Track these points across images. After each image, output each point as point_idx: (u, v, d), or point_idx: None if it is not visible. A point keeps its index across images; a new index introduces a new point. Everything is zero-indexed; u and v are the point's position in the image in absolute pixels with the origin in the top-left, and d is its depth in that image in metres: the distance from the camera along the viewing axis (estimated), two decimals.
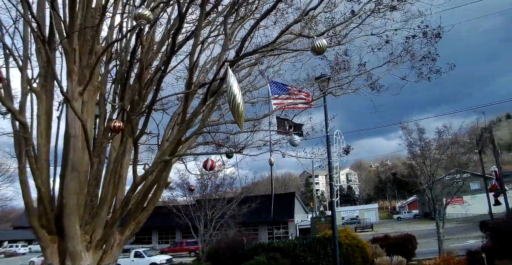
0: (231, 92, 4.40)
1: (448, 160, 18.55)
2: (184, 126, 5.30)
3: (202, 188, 21.87)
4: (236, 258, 17.34)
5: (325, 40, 4.39)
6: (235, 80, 4.50)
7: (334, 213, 11.57)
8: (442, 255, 15.79)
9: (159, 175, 6.18)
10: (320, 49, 4.41)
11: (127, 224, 6.30)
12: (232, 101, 4.39)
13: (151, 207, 6.46)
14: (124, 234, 6.36)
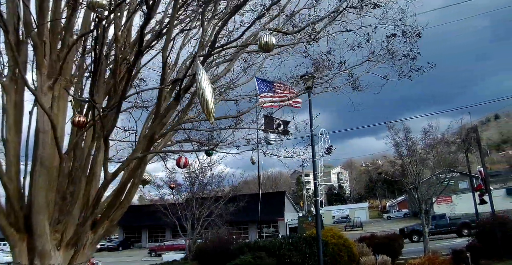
0: (200, 88, 4.28)
1: (434, 160, 18.58)
2: (157, 122, 5.16)
3: (189, 186, 21.70)
4: (222, 257, 17.21)
5: (274, 38, 4.24)
6: (205, 75, 4.37)
7: (318, 212, 11.49)
8: (428, 254, 15.81)
9: (133, 172, 6.03)
10: (266, 46, 4.25)
11: (100, 222, 6.14)
12: (201, 96, 4.27)
13: (125, 205, 6.30)
14: (97, 233, 6.19)
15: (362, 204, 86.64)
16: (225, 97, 7.90)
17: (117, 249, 54.47)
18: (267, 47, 4.25)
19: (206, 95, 4.28)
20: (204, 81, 4.31)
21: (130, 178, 6.09)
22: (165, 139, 6.71)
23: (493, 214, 17.13)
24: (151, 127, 5.26)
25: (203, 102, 4.24)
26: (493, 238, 16.43)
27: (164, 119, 5.50)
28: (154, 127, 5.21)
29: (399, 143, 18.13)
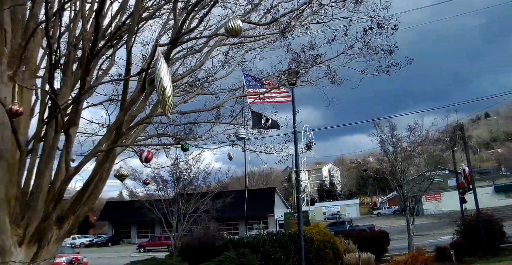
0: (158, 79, 4.09)
1: (420, 157, 18.54)
2: (121, 114, 4.94)
3: (174, 182, 21.44)
4: (206, 254, 17.05)
5: (240, 22, 4.04)
6: (165, 66, 4.17)
7: (300, 208, 11.36)
8: (412, 251, 15.80)
9: (99, 167, 5.82)
10: (233, 31, 4.06)
11: (65, 218, 5.92)
12: (159, 88, 4.08)
13: (92, 201, 6.09)
14: (62, 229, 5.97)
15: (353, 201, 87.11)
16: (204, 91, 7.68)
17: (106, 244, 54.18)
18: (234, 31, 4.07)
19: (165, 86, 4.10)
20: (162, 73, 4.12)
21: (96, 172, 5.88)
22: (136, 132, 6.49)
23: (478, 212, 17.19)
24: (116, 119, 5.05)
25: (161, 95, 4.06)
26: (478, 235, 16.51)
27: (134, 112, 5.29)
28: (119, 120, 5.00)
29: (385, 140, 18.06)
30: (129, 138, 6.27)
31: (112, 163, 6.24)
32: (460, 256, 15.06)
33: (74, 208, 5.97)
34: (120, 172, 8.83)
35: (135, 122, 5.86)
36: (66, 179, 5.17)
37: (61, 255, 22.86)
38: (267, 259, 15.41)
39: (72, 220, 6.08)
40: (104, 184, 6.20)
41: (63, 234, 6.06)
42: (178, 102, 7.06)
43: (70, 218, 6.02)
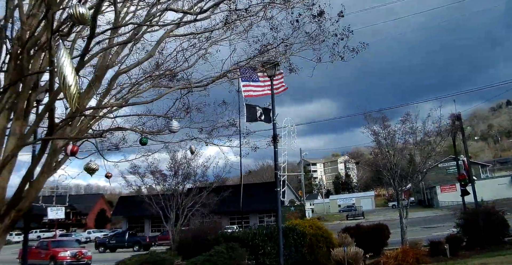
0: (60, 70, 3.91)
1: (415, 148, 17.98)
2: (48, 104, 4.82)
3: (172, 176, 21.48)
4: (199, 248, 17.06)
5: (85, 9, 3.81)
6: (67, 57, 4.00)
7: (279, 202, 11.13)
8: (405, 245, 15.41)
9: (36, 160, 5.74)
10: (79, 19, 3.83)
11: (6, 213, 5.87)
12: (61, 79, 3.91)
13: (32, 195, 6.02)
14: (3, 223, 5.93)
15: (368, 193, 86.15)
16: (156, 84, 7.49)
17: None
18: (80, 19, 3.84)
19: (68, 77, 3.93)
20: (63, 63, 3.95)
21: (34, 165, 5.81)
22: (83, 125, 6.36)
23: (477, 204, 16.59)
24: (44, 108, 4.92)
25: (61, 84, 3.88)
26: (477, 229, 15.96)
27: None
28: (47, 108, 4.86)
29: (377, 133, 17.54)
30: (74, 130, 6.14)
31: (53, 156, 6.14)
32: (455, 251, 14.56)
33: (15, 202, 5.92)
34: (89, 165, 8.79)
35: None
36: None
37: (66, 249, 23.30)
38: (256, 253, 15.28)
39: (14, 215, 6.03)
40: (46, 178, 6.12)
41: (4, 229, 6.02)
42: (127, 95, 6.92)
43: (11, 212, 5.96)
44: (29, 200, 6.07)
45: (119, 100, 7.00)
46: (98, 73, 6.11)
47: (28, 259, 24.50)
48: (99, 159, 8.25)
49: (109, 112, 7.80)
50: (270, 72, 11.75)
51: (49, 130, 5.41)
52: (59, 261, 22.33)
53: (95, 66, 6.71)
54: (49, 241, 26.12)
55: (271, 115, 11.60)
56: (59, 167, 7.32)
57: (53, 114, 5.37)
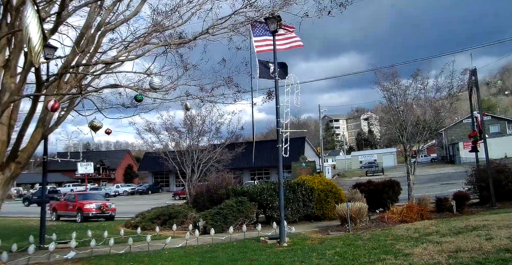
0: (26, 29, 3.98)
1: (426, 105, 17.45)
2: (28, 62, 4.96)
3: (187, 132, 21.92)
4: (211, 202, 17.78)
5: None
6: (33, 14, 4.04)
7: (280, 159, 11.27)
8: (411, 202, 15.51)
9: (28, 116, 6.00)
10: None
11: (5, 164, 6.26)
12: (25, 33, 3.99)
13: (29, 148, 6.36)
14: (4, 175, 6.35)
15: (390, 149, 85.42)
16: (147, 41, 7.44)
17: (146, 192, 57.81)
18: None
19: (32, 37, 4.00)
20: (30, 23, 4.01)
21: (27, 121, 6.08)
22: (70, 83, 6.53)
23: (488, 162, 16.28)
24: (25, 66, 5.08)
25: (27, 41, 3.97)
26: (487, 186, 15.82)
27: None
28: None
29: (388, 89, 17.06)
30: (63, 89, 6.33)
31: (46, 113, 6.38)
32: (462, 207, 14.58)
33: (14, 155, 6.28)
34: (93, 123, 9.11)
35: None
36: None
37: (92, 202, 24.70)
38: (265, 207, 15.82)
39: (13, 167, 6.41)
40: (40, 133, 6.41)
41: (5, 180, 6.43)
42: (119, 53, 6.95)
43: (10, 165, 6.34)
44: (27, 153, 6.41)
45: (115, 58, 7.04)
46: (83, 30, 6.15)
47: (57, 210, 26.30)
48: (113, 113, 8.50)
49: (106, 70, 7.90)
50: (272, 27, 11.41)
51: (37, 87, 5.60)
52: (85, 212, 23.77)
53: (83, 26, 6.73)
54: (76, 194, 27.64)
55: (274, 72, 11.43)
56: (60, 123, 7.61)
57: (39, 72, 5.51)
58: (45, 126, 6.47)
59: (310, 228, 14.45)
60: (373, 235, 11.00)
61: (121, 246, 11.54)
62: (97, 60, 6.49)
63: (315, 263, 8.18)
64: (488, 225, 10.31)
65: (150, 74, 6.79)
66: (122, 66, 7.99)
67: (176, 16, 7.99)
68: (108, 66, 7.86)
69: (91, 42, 6.68)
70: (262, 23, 12.96)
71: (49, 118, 6.60)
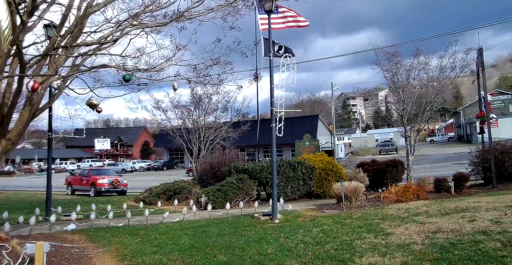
0: None
1: (427, 86, 17.15)
2: None
3: (193, 110, 22.21)
4: (215, 178, 18.19)
5: None
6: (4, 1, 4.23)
7: (273, 138, 11.39)
8: (409, 181, 15.54)
9: (15, 97, 6.28)
10: None
11: None
12: None
13: (19, 126, 6.68)
14: None
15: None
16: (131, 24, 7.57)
17: (162, 169, 59.12)
18: None
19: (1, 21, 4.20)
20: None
21: (14, 101, 6.37)
22: (56, 63, 6.76)
23: (490, 142, 16.03)
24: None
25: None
26: (490, 168, 15.67)
27: None
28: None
29: (388, 69, 16.77)
30: (50, 68, 6.57)
31: (37, 94, 6.65)
32: (460, 188, 14.54)
33: (3, 132, 6.61)
34: (91, 101, 9.42)
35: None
36: None
37: (104, 177, 25.58)
38: (265, 185, 16.14)
39: (4, 142, 6.75)
40: (28, 112, 6.72)
41: None
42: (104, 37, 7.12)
43: (1, 141, 6.68)
44: (16, 131, 6.73)
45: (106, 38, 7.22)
46: (66, 12, 6.32)
47: (73, 185, 27.35)
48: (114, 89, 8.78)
49: (98, 50, 8.10)
50: (268, 6, 11.32)
51: (21, 68, 5.85)
52: (98, 187, 24.68)
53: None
54: (89, 169, 28.59)
55: (269, 51, 11.43)
56: (53, 101, 7.90)
57: (21, 53, 5.74)
58: (32, 105, 6.76)
59: (308, 205, 14.72)
60: (363, 214, 11.18)
61: (122, 219, 12.10)
62: (77, 43, 6.67)
63: (298, 239, 8.45)
64: (478, 207, 10.33)
65: (125, 56, 6.95)
66: (115, 47, 8.19)
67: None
68: (100, 46, 8.06)
69: (77, 24, 6.85)
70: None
71: (37, 97, 6.88)
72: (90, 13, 6.65)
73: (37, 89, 5.97)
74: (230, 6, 8.09)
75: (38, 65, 6.39)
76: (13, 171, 60.17)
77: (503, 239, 6.74)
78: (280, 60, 12.16)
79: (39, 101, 7.08)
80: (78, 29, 6.67)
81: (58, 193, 27.53)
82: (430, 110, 17.35)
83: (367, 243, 7.61)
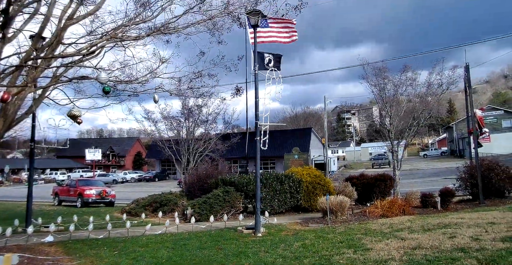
0: None
1: (414, 103, 17.31)
2: None
3: (184, 121, 22.13)
4: (202, 191, 18.02)
5: None
6: None
7: (258, 151, 11.34)
8: (395, 196, 15.49)
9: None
10: None
11: None
12: None
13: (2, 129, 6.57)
14: None
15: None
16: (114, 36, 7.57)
17: (153, 180, 58.63)
18: None
19: None
20: None
21: None
22: (31, 75, 6.71)
23: (477, 158, 16.07)
24: None
25: None
26: (476, 184, 15.67)
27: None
28: None
29: (375, 85, 16.91)
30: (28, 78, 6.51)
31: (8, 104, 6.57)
32: (447, 204, 14.50)
33: None
34: (72, 112, 9.33)
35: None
36: None
37: (92, 188, 25.27)
38: (251, 198, 15.99)
39: None
40: (6, 119, 6.63)
41: None
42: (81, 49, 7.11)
43: None
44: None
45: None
46: (43, 24, 6.31)
47: (60, 195, 26.99)
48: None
49: (79, 62, 8.07)
50: (253, 20, 11.41)
51: None
52: (85, 198, 24.35)
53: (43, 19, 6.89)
54: (77, 180, 28.27)
55: (254, 66, 11.47)
56: (30, 112, 7.82)
57: None
58: (7, 116, 6.69)
59: (294, 219, 14.59)
60: (347, 229, 11.09)
61: (103, 231, 11.90)
62: (53, 55, 6.64)
63: (277, 253, 8.34)
64: (461, 223, 10.28)
65: (98, 69, 6.93)
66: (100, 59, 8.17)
67: (147, 13, 8.09)
68: (83, 58, 8.04)
69: (57, 35, 6.84)
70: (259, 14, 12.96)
71: (12, 108, 6.81)
72: (68, 25, 6.64)
73: (7, 100, 5.90)
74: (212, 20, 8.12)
75: (13, 76, 6.34)
76: (2, 180, 59.45)
77: (480, 256, 6.67)
78: (267, 73, 12.17)
79: (15, 112, 7.01)
80: (56, 41, 6.64)
81: (45, 204, 27.16)
82: (417, 125, 17.43)
83: (345, 258, 7.52)
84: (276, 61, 13.93)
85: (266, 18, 13.62)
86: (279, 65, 13.97)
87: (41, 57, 6.08)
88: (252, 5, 8.35)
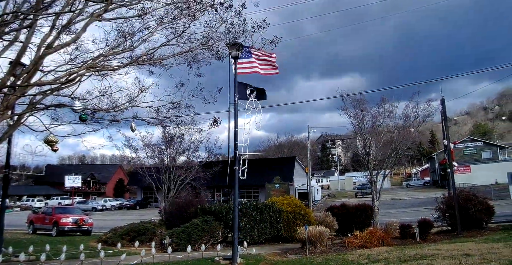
0: None
1: (387, 133, 17.77)
2: None
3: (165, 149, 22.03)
4: (182, 219, 17.72)
5: None
6: None
7: (236, 180, 11.33)
8: (375, 227, 15.51)
9: None
10: None
11: None
12: None
13: None
14: None
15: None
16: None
17: (134, 207, 57.34)
18: None
19: None
20: None
21: None
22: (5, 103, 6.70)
23: (454, 190, 16.34)
24: None
25: None
26: (455, 214, 15.84)
27: None
28: None
29: (354, 116, 17.35)
30: None
31: None
32: (425, 235, 14.56)
33: None
34: (48, 138, 9.24)
35: None
36: None
37: (68, 216, 24.55)
38: (231, 227, 15.77)
39: None
40: None
41: None
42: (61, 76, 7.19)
43: None
44: None
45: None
46: (20, 53, 6.39)
47: (35, 223, 26.09)
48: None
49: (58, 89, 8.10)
50: (234, 53, 11.70)
51: None
52: (61, 226, 23.59)
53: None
54: (53, 207, 27.48)
55: (234, 95, 11.66)
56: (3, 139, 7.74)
57: None
58: None
59: (273, 249, 14.41)
60: (325, 260, 10.99)
61: (75, 261, 11.52)
62: (29, 83, 6.70)
63: None
64: (437, 254, 10.31)
65: (74, 98, 7.00)
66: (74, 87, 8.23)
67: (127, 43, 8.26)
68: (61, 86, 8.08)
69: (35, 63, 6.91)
70: (244, 47, 13.31)
71: None
72: (47, 54, 6.74)
73: None
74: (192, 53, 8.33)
75: None
76: None
77: None
78: (247, 103, 12.37)
79: None
80: (34, 69, 6.71)
81: (19, 232, 26.19)
82: (395, 156, 17.75)
83: None
84: (260, 93, 14.25)
85: (249, 48, 14.03)
86: (263, 96, 14.27)
87: (17, 85, 6.12)
88: (231, 39, 8.62)
